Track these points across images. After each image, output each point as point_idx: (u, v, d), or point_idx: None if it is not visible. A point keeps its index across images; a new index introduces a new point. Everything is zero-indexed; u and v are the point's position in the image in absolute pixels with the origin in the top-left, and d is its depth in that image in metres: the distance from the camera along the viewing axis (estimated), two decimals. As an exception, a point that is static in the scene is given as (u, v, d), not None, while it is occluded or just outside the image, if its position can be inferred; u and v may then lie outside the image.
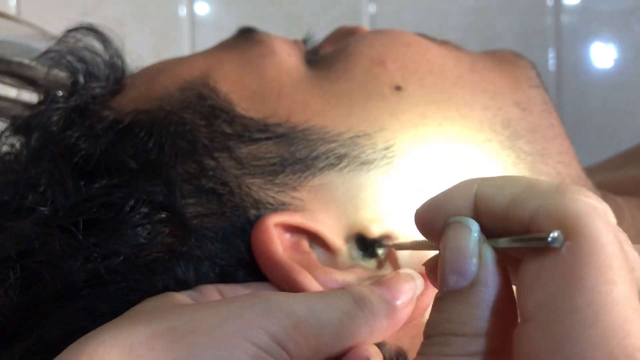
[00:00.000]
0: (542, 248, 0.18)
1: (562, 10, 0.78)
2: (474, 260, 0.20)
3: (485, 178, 0.21)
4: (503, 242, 0.20)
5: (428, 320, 0.21)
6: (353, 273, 0.27)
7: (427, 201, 0.22)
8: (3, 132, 0.32)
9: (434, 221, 0.21)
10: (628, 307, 0.17)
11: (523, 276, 0.18)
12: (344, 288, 0.25)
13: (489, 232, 0.20)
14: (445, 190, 0.21)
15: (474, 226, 0.20)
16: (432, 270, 0.22)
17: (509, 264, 0.20)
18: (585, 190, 0.19)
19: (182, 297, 0.25)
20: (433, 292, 0.22)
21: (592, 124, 0.78)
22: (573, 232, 0.18)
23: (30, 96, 0.41)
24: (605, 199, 0.34)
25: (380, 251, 0.28)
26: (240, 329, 0.21)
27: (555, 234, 0.18)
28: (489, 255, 0.20)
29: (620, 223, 0.33)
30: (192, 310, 0.23)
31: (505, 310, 0.19)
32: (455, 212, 0.20)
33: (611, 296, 0.17)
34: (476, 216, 0.20)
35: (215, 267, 0.27)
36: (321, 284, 0.26)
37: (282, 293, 0.24)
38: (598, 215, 0.18)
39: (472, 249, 0.20)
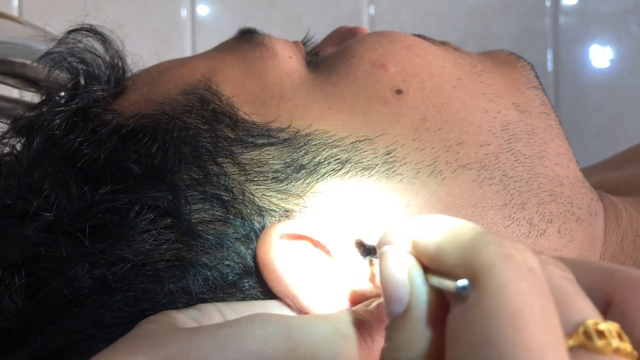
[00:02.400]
0: (456, 297, 0.18)
1: (560, 11, 0.78)
2: (405, 285, 0.20)
3: (422, 219, 0.21)
4: (434, 280, 0.20)
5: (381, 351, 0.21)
6: (356, 287, 0.27)
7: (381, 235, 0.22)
8: (5, 133, 0.32)
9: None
10: (542, 350, 0.16)
11: (447, 328, 0.19)
12: (343, 309, 0.25)
13: (425, 268, 0.21)
14: (389, 228, 0.22)
15: (401, 253, 0.21)
16: None
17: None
18: (504, 239, 0.19)
19: (182, 318, 0.25)
20: None
21: (590, 125, 0.78)
22: (478, 283, 0.18)
23: (32, 97, 0.41)
24: (602, 199, 0.34)
25: (373, 259, 0.28)
26: (238, 354, 0.21)
27: (462, 282, 0.18)
28: (419, 279, 0.20)
29: (617, 223, 0.33)
30: (190, 336, 0.22)
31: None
32: (397, 244, 0.21)
33: (520, 342, 0.16)
34: (415, 253, 0.21)
35: (222, 275, 0.27)
36: (323, 300, 0.26)
37: (280, 315, 0.24)
38: (509, 264, 0.18)
39: (400, 275, 0.20)
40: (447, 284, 0.19)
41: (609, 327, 0.18)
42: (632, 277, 0.19)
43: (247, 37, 0.34)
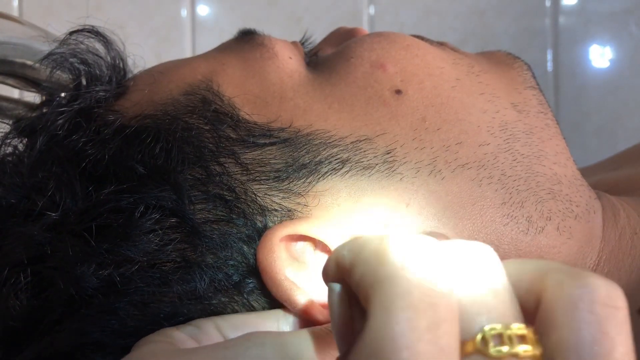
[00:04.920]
0: None
1: (560, 11, 0.79)
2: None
3: (346, 241, 0.21)
4: None
5: None
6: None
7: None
8: (8, 134, 0.33)
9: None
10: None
11: None
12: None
13: None
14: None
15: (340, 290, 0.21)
16: None
17: None
18: (407, 237, 0.18)
19: (180, 336, 0.25)
20: None
21: (590, 125, 0.78)
22: (368, 306, 0.18)
23: (33, 97, 0.41)
24: (600, 198, 0.34)
25: None
26: None
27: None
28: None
29: (615, 222, 0.34)
30: (188, 359, 0.23)
31: None
32: (327, 276, 0.21)
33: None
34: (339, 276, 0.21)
35: (227, 276, 0.27)
36: (322, 304, 0.27)
37: (275, 332, 0.24)
38: (396, 280, 0.17)
39: (345, 313, 0.20)
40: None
41: (508, 331, 0.17)
42: (558, 278, 0.18)
43: (247, 38, 0.34)
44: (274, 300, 0.27)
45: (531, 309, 0.19)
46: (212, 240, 0.27)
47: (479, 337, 0.17)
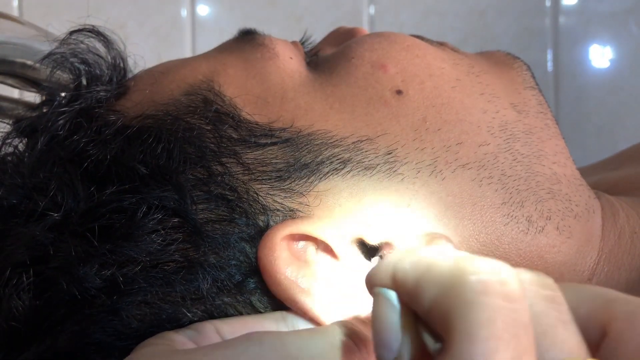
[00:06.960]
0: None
1: (560, 11, 0.79)
2: (397, 334, 0.20)
3: (404, 253, 0.20)
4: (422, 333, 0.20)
5: None
6: (354, 291, 0.27)
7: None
8: (8, 134, 0.33)
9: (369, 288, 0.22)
10: None
11: None
12: (336, 322, 0.26)
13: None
14: (378, 262, 0.21)
15: (396, 300, 0.20)
16: None
17: None
18: (482, 263, 0.18)
19: (179, 339, 0.25)
20: None
21: (590, 125, 0.78)
22: (448, 331, 0.17)
23: (33, 97, 0.41)
24: (599, 198, 0.34)
25: (374, 259, 0.28)
26: None
27: (437, 346, 0.18)
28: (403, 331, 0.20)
29: (614, 221, 0.34)
30: (187, 359, 0.23)
31: None
32: (379, 283, 0.21)
33: None
34: (395, 289, 0.20)
35: (229, 276, 0.27)
36: (322, 303, 0.27)
37: (275, 332, 0.24)
38: (482, 301, 0.17)
39: (395, 323, 0.20)
40: (427, 340, 0.19)
41: None
42: (629, 309, 0.18)
43: (247, 38, 0.34)
44: (275, 300, 0.27)
45: (594, 338, 0.18)
46: (214, 240, 0.27)
47: None
